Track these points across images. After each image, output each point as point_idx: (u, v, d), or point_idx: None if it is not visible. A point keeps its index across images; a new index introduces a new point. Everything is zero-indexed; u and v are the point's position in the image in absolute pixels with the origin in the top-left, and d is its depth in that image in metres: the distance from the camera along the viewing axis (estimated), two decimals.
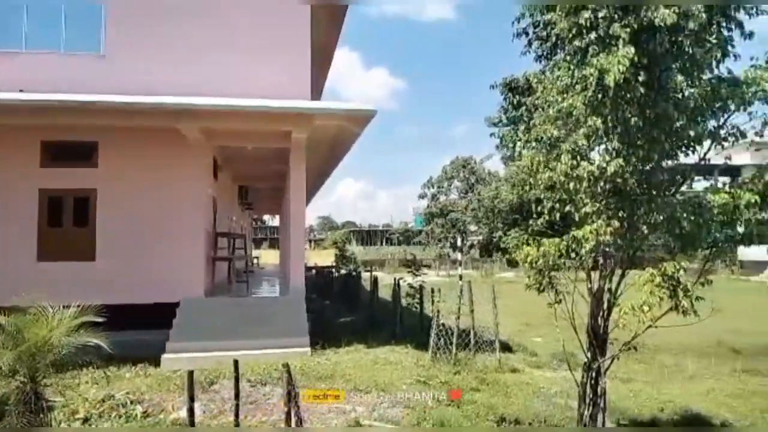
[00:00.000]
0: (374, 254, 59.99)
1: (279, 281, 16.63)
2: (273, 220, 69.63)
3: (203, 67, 11.40)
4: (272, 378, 8.21)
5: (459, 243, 31.05)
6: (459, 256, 27.99)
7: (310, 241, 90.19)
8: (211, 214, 13.11)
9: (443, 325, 10.17)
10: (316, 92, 16.75)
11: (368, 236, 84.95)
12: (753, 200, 4.74)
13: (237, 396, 5.84)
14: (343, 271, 24.82)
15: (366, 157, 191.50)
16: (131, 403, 7.41)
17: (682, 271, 4.88)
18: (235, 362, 5.81)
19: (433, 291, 11.63)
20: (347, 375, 8.57)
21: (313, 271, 26.86)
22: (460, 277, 18.73)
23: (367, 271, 22.32)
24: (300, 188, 11.81)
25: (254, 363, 8.70)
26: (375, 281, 16.79)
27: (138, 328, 9.95)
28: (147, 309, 10.65)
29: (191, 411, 5.42)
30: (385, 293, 16.84)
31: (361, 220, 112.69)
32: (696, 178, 5.83)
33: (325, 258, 44.34)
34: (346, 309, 16.41)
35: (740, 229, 5.12)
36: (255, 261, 27.82)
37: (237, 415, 5.86)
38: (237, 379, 5.82)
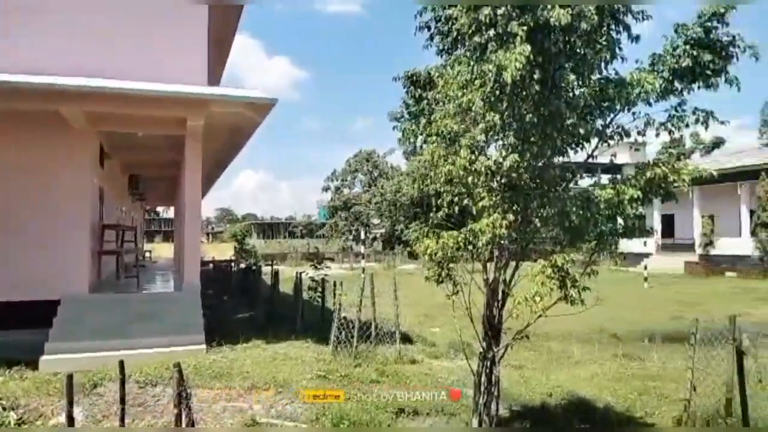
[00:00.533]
0: (276, 247, 59.05)
1: (172, 276, 15.88)
2: (167, 212, 66.75)
3: (89, 48, 10.57)
4: (163, 378, 7.78)
5: (362, 236, 31.30)
6: (362, 249, 28.17)
7: (207, 234, 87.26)
8: (98, 204, 12.24)
9: (345, 318, 10.12)
10: (215, 78, 16.10)
11: (270, 229, 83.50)
12: (635, 196, 5.05)
13: (122, 399, 5.45)
14: (242, 265, 24.16)
15: (267, 148, 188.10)
16: (4, 409, 6.76)
17: (570, 263, 5.12)
18: (121, 363, 5.42)
19: (335, 284, 11.55)
20: (245, 372, 8.30)
21: (211, 265, 25.97)
22: (363, 270, 18.79)
23: (268, 264, 21.86)
24: (195, 178, 11.29)
25: (144, 363, 8.21)
26: (276, 275, 16.46)
27: (14, 328, 9.14)
28: (24, 307, 9.77)
29: (70, 416, 5.00)
30: (286, 287, 16.56)
31: (263, 213, 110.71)
32: (583, 175, 6.14)
33: (223, 252, 43.04)
34: (245, 304, 15.96)
35: (623, 223, 5.44)
36: (147, 255, 26.47)
37: (122, 419, 5.47)
38: (123, 381, 5.43)
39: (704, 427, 7.23)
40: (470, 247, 5.59)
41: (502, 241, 5.54)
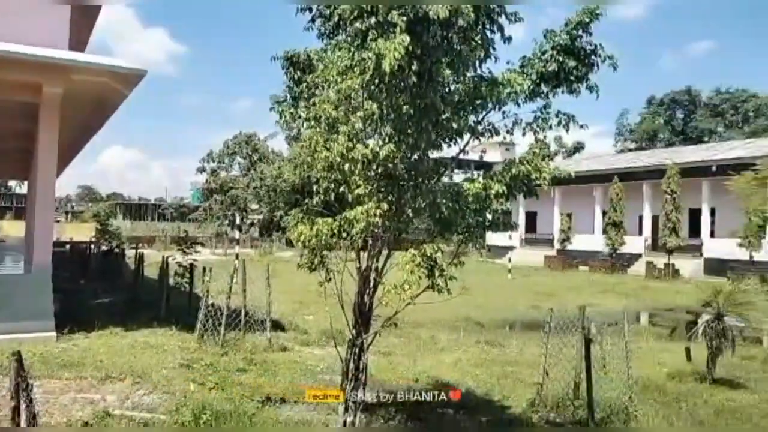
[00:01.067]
0: (144, 230, 55.83)
1: (21, 257, 14.46)
2: (21, 187, 60.78)
3: None
4: (3, 368, 7.05)
5: (238, 221, 30.39)
6: (237, 234, 27.39)
7: (66, 213, 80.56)
8: None
9: (213, 305, 9.75)
10: (79, 44, 14.78)
11: (138, 210, 78.71)
12: (501, 191, 5.29)
13: None
14: (104, 248, 22.55)
15: (138, 124, 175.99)
16: None
17: (439, 253, 5.26)
18: None
19: (204, 270, 11.10)
20: (98, 361, 7.74)
21: (68, 246, 23.99)
22: (237, 256, 18.27)
23: (133, 247, 20.58)
24: (50, 151, 10.31)
25: None
26: (140, 259, 15.53)
27: None
28: None
29: None
30: (152, 272, 15.67)
31: (131, 193, 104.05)
32: (455, 170, 6.35)
33: (84, 232, 39.94)
34: (105, 289, 14.91)
35: (489, 217, 5.69)
36: None
37: None
38: None
39: (555, 408, 7.82)
40: (345, 235, 5.56)
41: (376, 230, 5.57)
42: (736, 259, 29.68)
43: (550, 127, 5.53)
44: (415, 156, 5.60)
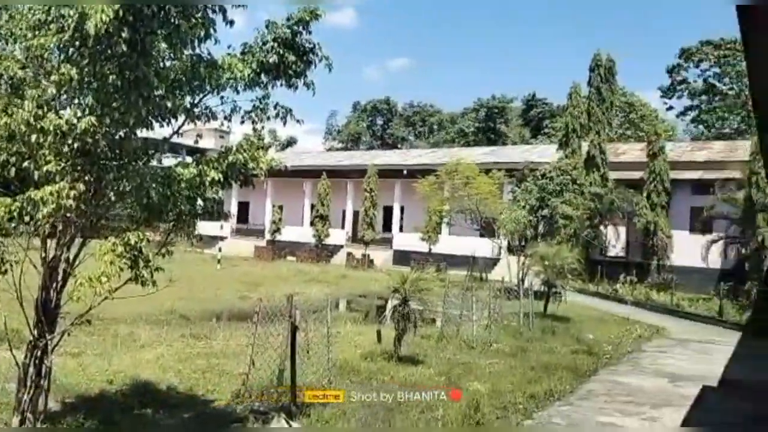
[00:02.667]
0: None
1: None
2: None
3: None
4: None
5: None
6: None
7: None
8: None
9: None
10: None
11: None
12: (217, 178, 5.11)
13: None
14: None
15: None
16: None
17: (145, 242, 4.85)
18: None
19: None
20: None
21: None
22: None
23: None
24: None
25: None
26: None
27: None
28: None
29: None
30: None
31: None
32: (167, 153, 5.94)
33: None
34: None
35: (203, 205, 5.45)
36: None
37: None
38: None
39: (260, 396, 7.91)
40: (27, 219, 4.74)
41: (69, 214, 4.87)
42: (418, 251, 34.16)
43: (268, 118, 5.55)
44: (121, 133, 5.08)
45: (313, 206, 39.80)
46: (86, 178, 4.86)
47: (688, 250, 26.94)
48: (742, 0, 3.84)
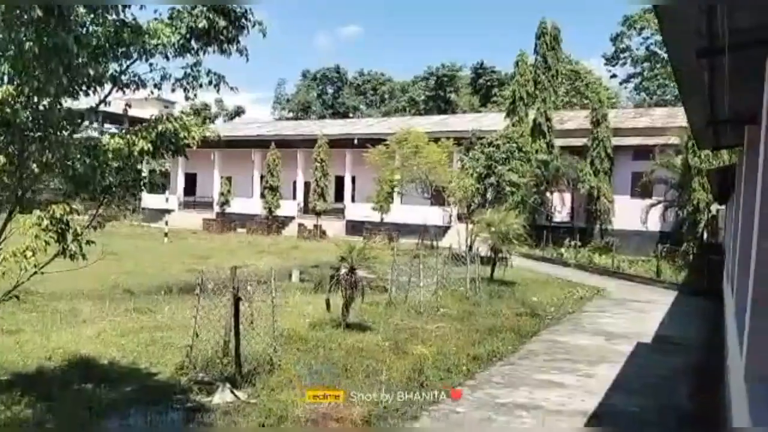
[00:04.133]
0: None
1: None
2: None
3: None
4: None
5: None
6: None
7: None
8: None
9: None
10: None
11: None
12: (146, 148, 4.98)
13: None
14: None
15: None
16: None
17: (74, 215, 4.72)
18: None
19: None
20: None
21: None
22: None
23: None
24: None
25: None
26: None
27: None
28: None
29: None
30: None
31: None
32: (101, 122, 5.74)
33: None
34: None
35: (133, 176, 5.32)
36: None
37: None
38: None
39: (204, 368, 7.90)
40: None
41: None
42: (371, 221, 34.30)
43: (201, 86, 5.42)
44: (44, 103, 4.86)
45: (262, 177, 39.24)
46: (8, 150, 4.67)
47: (630, 214, 27.90)
48: None
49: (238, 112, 75.74)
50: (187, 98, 5.45)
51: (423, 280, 15.43)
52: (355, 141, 37.15)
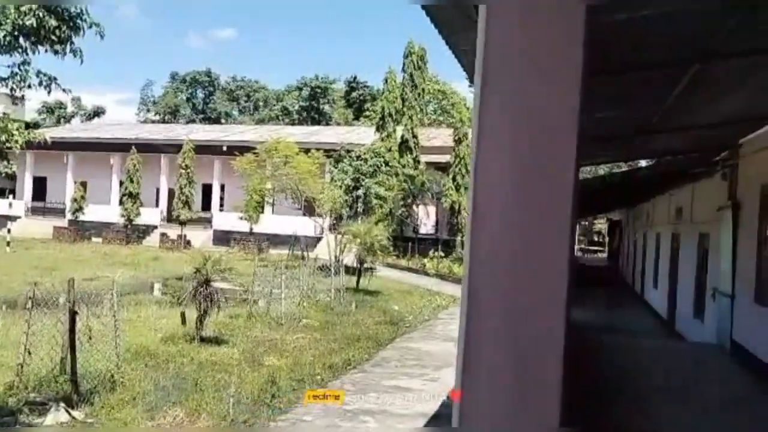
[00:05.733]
0: None
1: None
2: None
3: None
4: None
5: None
6: None
7: None
8: None
9: None
10: None
11: None
12: None
13: None
14: None
15: None
16: None
17: None
18: None
19: None
20: None
21: None
22: None
23: None
24: None
25: None
26: None
27: None
28: None
29: None
30: None
31: None
32: None
33: None
34: None
35: None
36: None
37: None
38: None
39: (37, 387, 7.35)
40: None
41: None
42: (240, 231, 33.50)
43: (30, 86, 5.11)
44: None
45: (122, 183, 36.95)
46: None
47: None
48: None
49: (98, 112, 70.79)
50: (14, 100, 5.11)
51: (287, 291, 15.40)
52: (224, 148, 36.18)
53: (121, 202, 36.28)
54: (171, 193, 36.71)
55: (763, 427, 5.86)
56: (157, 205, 38.22)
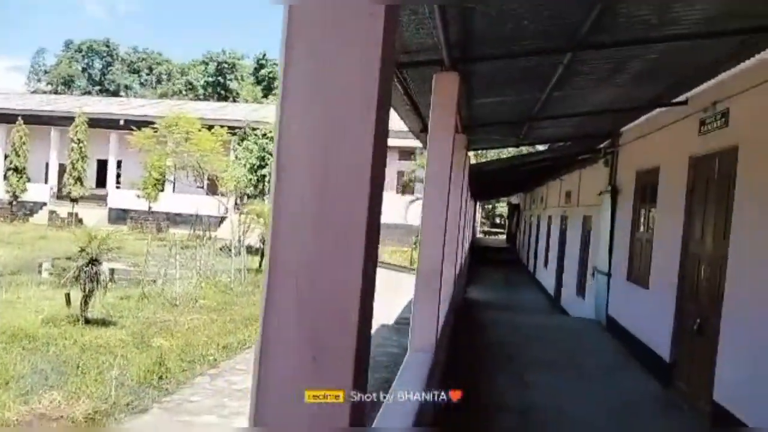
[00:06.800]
0: None
1: None
2: None
3: None
4: None
5: None
6: None
7: None
8: None
9: None
10: None
11: None
12: None
13: None
14: None
15: None
16: None
17: None
18: None
19: None
20: None
21: None
22: None
23: None
24: None
25: None
26: None
27: None
28: None
29: None
30: None
31: None
32: None
33: None
34: None
35: None
36: None
37: None
38: None
39: None
40: None
41: None
42: (137, 209, 32.00)
43: None
44: None
45: (6, 156, 34.21)
46: None
47: (396, 208, 30.12)
48: None
49: None
50: None
51: (185, 272, 14.94)
52: (122, 122, 34.28)
53: (5, 177, 33.62)
54: (62, 169, 34.38)
55: (624, 390, 6.39)
56: (46, 181, 35.72)
